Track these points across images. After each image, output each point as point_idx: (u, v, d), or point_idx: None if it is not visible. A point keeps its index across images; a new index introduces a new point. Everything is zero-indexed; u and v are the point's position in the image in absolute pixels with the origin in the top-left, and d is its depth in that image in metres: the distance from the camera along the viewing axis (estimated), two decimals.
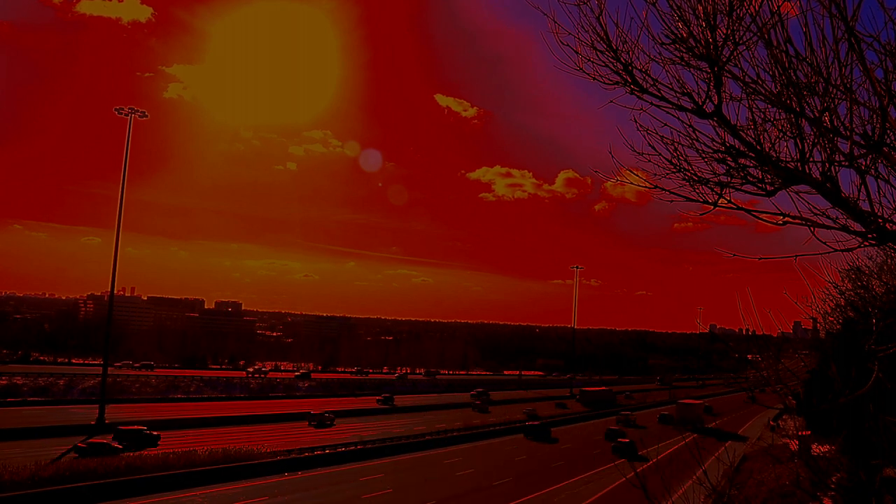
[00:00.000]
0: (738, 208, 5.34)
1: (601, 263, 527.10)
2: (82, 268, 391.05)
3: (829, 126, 4.67)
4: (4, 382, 77.81)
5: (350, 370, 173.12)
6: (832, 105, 4.65)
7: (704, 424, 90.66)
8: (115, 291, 68.32)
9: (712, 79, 4.94)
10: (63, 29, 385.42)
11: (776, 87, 4.85)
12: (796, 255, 5.51)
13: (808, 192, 5.02)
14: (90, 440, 48.66)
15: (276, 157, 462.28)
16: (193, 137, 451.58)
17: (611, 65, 5.21)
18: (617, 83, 5.25)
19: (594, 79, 5.26)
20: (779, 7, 4.64)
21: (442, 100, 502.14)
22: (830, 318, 15.05)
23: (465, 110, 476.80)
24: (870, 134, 4.54)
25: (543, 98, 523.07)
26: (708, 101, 5.00)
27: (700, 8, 4.87)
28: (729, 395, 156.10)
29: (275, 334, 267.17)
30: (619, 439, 68.03)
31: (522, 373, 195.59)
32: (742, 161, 5.14)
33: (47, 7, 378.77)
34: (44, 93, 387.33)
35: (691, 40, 4.95)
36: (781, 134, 5.00)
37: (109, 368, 66.74)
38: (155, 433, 53.29)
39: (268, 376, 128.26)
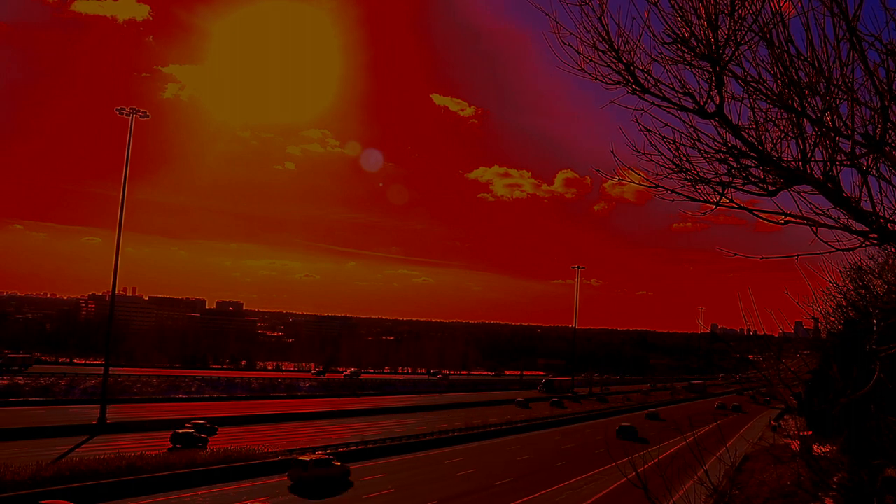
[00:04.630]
0: (740, 208, 5.35)
1: (601, 263, 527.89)
2: (83, 268, 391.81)
3: (831, 126, 4.67)
4: (6, 382, 77.77)
5: (421, 370, 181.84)
6: (834, 105, 4.65)
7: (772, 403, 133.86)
8: (117, 291, 68.30)
9: (714, 79, 4.94)
10: (59, 27, 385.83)
11: (778, 87, 4.84)
12: (797, 255, 5.51)
13: (810, 192, 5.02)
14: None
15: (275, 156, 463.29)
16: (192, 137, 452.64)
17: (612, 65, 5.20)
18: (618, 83, 5.24)
19: (596, 79, 5.26)
20: (780, 7, 4.64)
21: (438, 99, 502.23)
22: (832, 318, 15.01)
23: (463, 110, 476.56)
24: (871, 134, 4.54)
25: (541, 97, 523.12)
26: (710, 101, 5.00)
27: (702, 8, 4.86)
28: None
29: (276, 334, 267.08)
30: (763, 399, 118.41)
31: (524, 373, 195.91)
32: (744, 161, 5.14)
33: (44, 6, 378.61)
34: (42, 92, 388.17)
35: (693, 40, 4.94)
36: (783, 134, 4.99)
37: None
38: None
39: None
